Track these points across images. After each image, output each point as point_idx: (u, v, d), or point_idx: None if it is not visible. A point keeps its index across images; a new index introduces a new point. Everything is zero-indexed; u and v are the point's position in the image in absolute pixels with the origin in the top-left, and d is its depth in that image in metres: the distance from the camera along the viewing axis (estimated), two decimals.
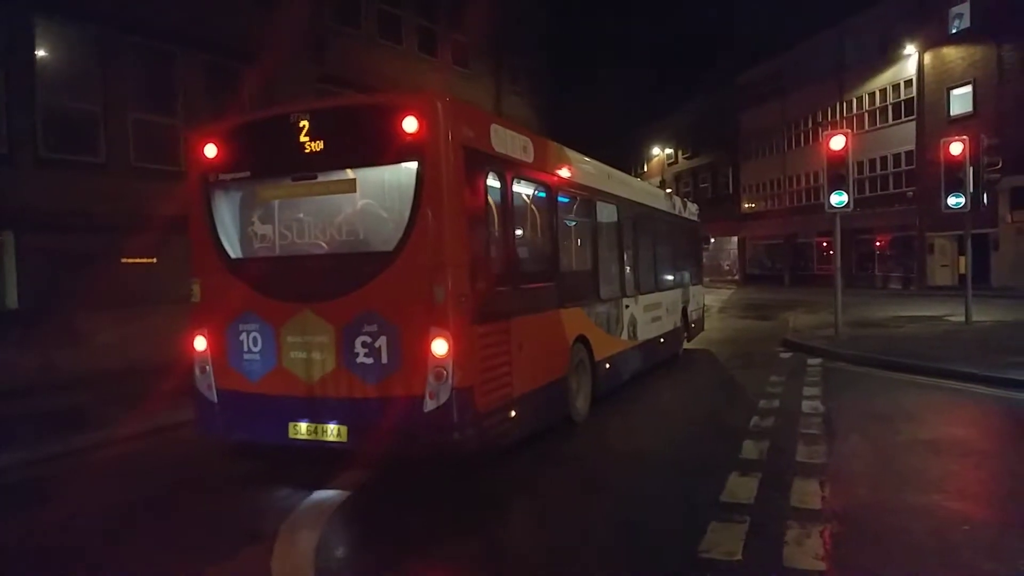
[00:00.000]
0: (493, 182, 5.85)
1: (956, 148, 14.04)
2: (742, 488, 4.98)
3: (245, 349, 5.64)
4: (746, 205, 43.41)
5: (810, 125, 36.87)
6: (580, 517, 4.77)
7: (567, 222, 7.73)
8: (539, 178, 6.91)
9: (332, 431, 5.32)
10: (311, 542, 4.33)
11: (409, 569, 4.00)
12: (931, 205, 21.62)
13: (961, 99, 28.22)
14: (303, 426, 5.42)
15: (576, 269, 7.89)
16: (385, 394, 5.16)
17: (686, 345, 12.75)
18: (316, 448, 5.46)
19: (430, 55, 19.38)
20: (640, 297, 9.79)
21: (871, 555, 3.87)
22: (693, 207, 14.64)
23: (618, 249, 9.17)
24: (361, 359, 5.22)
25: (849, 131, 13.55)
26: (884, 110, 32.26)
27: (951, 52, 28.69)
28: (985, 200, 14.84)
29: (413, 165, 5.16)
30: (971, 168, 13.99)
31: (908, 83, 30.84)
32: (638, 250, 9.93)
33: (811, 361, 11.07)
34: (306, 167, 5.58)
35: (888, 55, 31.38)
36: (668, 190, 14.69)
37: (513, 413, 5.75)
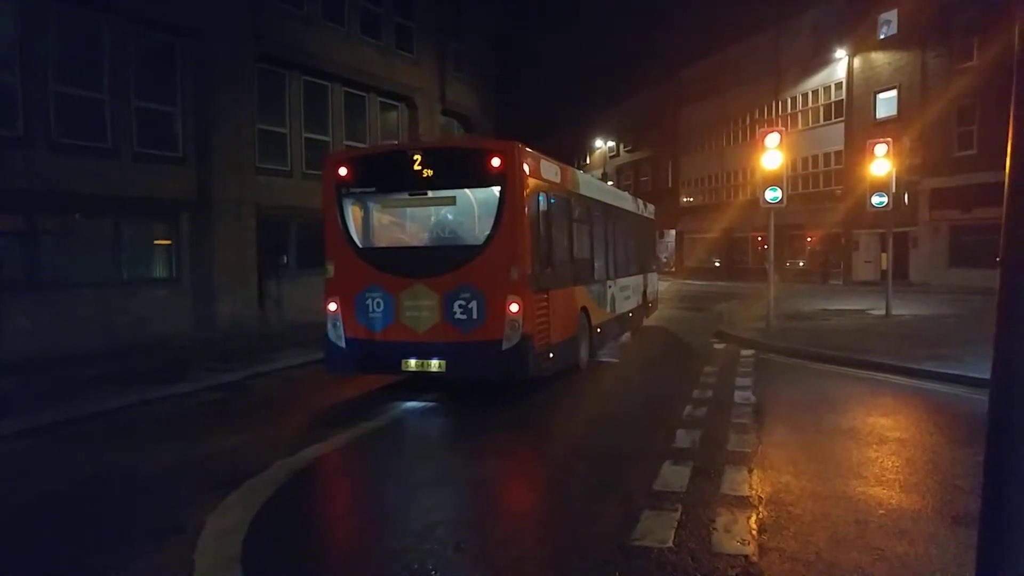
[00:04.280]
0: (541, 198, 8.39)
1: (881, 150, 14.66)
2: (675, 476, 5.10)
3: (370, 310, 8.06)
4: (685, 199, 44.33)
5: (747, 122, 37.84)
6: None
7: (576, 222, 9.99)
8: (562, 192, 9.38)
9: (435, 364, 7.84)
10: (239, 535, 4.21)
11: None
12: (857, 203, 22.55)
13: (886, 103, 29.47)
14: (412, 362, 7.92)
15: (581, 257, 10.14)
16: (474, 339, 7.69)
17: (645, 322, 15.06)
18: (422, 376, 8.03)
19: (373, 37, 19.00)
20: (617, 280, 12.21)
21: (794, 539, 4.02)
22: (651, 207, 17.05)
23: (604, 242, 11.50)
24: (458, 316, 7.75)
25: (784, 129, 13.94)
26: (816, 111, 33.41)
27: (879, 57, 29.90)
28: (906, 200, 15.57)
29: (497, 188, 7.81)
30: (894, 169, 14.65)
31: (839, 86, 31.99)
32: (616, 243, 12.34)
33: (744, 352, 11.40)
34: (420, 186, 8.12)
35: (821, 58, 32.48)
36: (636, 198, 16.01)
37: (551, 355, 8.36)
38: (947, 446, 6.03)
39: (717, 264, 40.16)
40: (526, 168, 7.92)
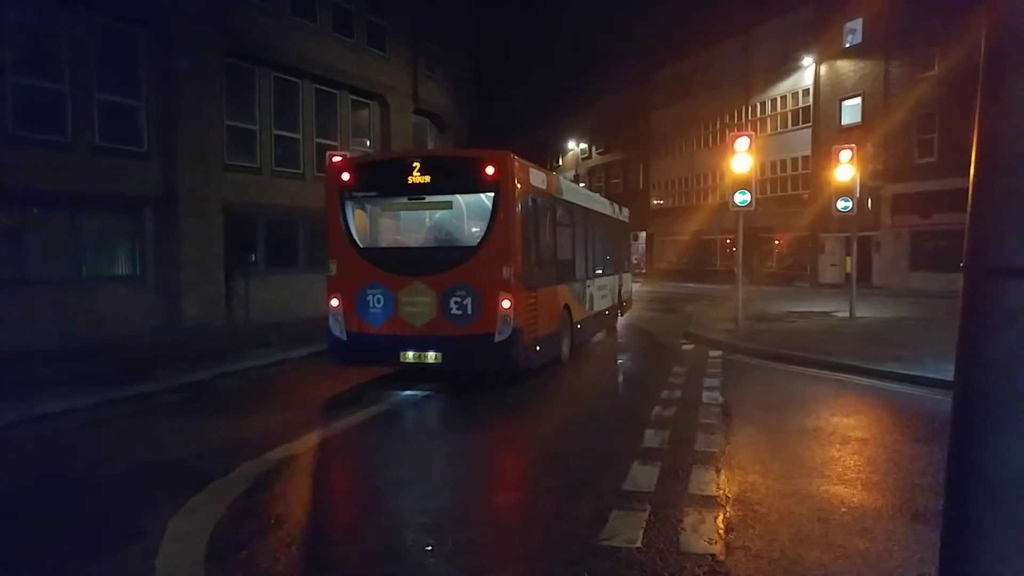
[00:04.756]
0: (530, 203, 8.98)
1: (845, 156, 14.96)
2: (644, 476, 5.13)
3: (370, 306, 8.58)
4: (655, 202, 44.72)
5: (718, 126, 38.32)
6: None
7: (559, 225, 10.63)
8: (548, 197, 10.01)
9: (431, 356, 8.41)
10: (202, 538, 4.13)
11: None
12: (823, 208, 22.97)
13: (851, 110, 30.09)
14: (410, 354, 8.47)
15: (563, 258, 10.74)
16: (469, 332, 8.26)
17: (619, 320, 15.77)
18: (418, 366, 8.59)
19: (345, 35, 18.82)
20: (595, 280, 12.82)
21: (760, 538, 4.07)
22: (625, 211, 17.57)
23: (583, 244, 12.09)
24: (454, 311, 8.30)
25: (753, 134, 14.16)
26: (784, 116, 33.97)
27: (844, 65, 30.52)
28: (869, 205, 15.90)
29: (491, 194, 8.40)
30: (858, 175, 14.95)
31: (806, 92, 32.58)
32: (594, 245, 12.95)
33: (712, 353, 11.54)
34: (419, 191, 8.66)
35: (789, 64, 33.03)
36: (612, 203, 16.53)
37: (538, 348, 9.01)
38: (906, 445, 6.17)
39: (686, 265, 40.54)
40: (517, 176, 8.55)
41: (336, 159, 9.39)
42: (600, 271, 13.31)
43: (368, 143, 20.39)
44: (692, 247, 40.24)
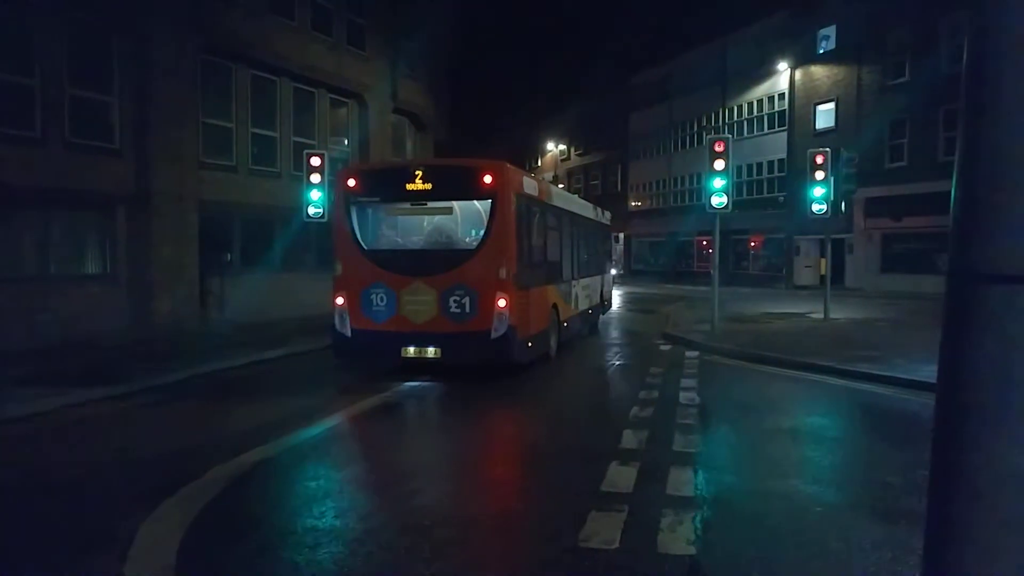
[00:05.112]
0: (523, 209, 9.50)
1: (820, 159, 15.16)
2: (622, 477, 5.14)
3: (374, 304, 9.08)
4: (633, 203, 44.98)
5: (695, 129, 38.67)
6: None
7: (549, 229, 11.22)
8: (539, 204, 10.61)
9: (431, 351, 8.98)
10: (173, 543, 4.06)
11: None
12: (798, 210, 23.28)
13: (825, 115, 30.56)
14: (411, 349, 9.04)
15: (552, 260, 11.35)
16: (466, 329, 8.81)
17: (602, 317, 16.49)
18: (418, 361, 9.11)
19: (324, 33, 18.66)
20: (580, 280, 13.38)
21: (736, 538, 4.10)
22: (607, 214, 18.19)
23: (570, 246, 12.71)
24: (452, 309, 8.84)
25: (730, 137, 14.30)
26: (761, 119, 34.38)
27: (818, 71, 30.97)
28: (843, 208, 16.13)
29: (488, 201, 9.03)
30: (832, 178, 15.16)
31: (781, 96, 33.01)
32: (580, 247, 13.63)
33: (689, 354, 11.62)
34: (420, 198, 9.31)
35: (765, 69, 33.44)
36: (596, 207, 17.19)
37: (530, 344, 9.62)
38: (879, 445, 6.26)
39: (662, 266, 40.79)
40: (512, 184, 9.18)
41: (344, 167, 10.50)
42: (584, 272, 13.91)
43: (346, 142, 20.25)
44: (669, 248, 40.53)
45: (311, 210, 14.42)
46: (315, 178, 14.28)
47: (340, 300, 9.25)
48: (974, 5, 1.41)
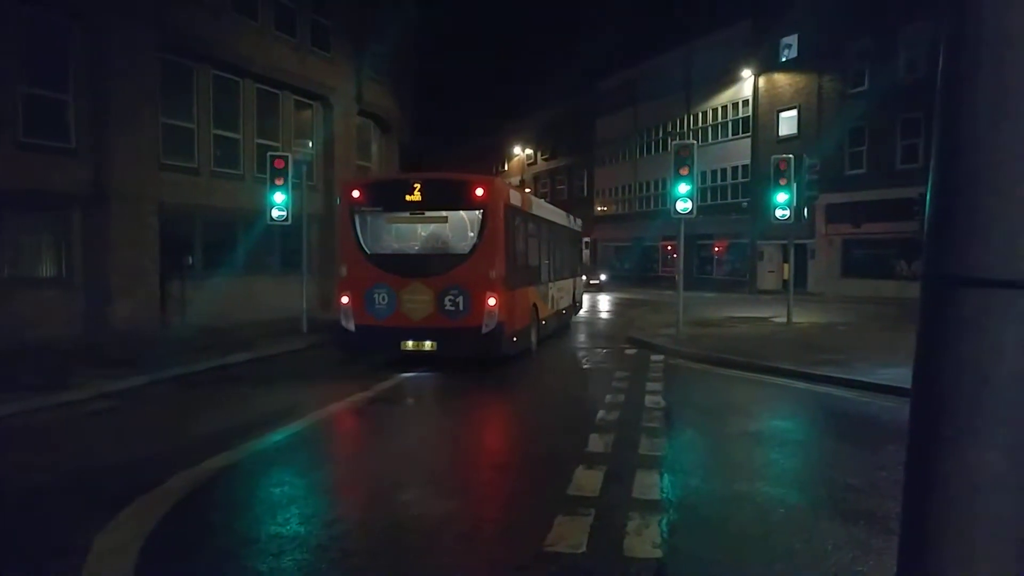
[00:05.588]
0: (510, 218, 10.56)
1: (783, 166, 15.45)
2: (588, 481, 5.15)
3: (376, 302, 10.12)
4: (599, 208, 45.31)
5: (660, 135, 39.11)
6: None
7: (530, 236, 12.22)
8: (522, 213, 11.67)
9: (428, 345, 10.01)
10: (131, 555, 3.94)
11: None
12: (762, 215, 23.69)
13: (788, 122, 31.19)
14: (410, 343, 10.04)
15: (533, 264, 12.37)
16: (460, 325, 9.82)
17: (573, 318, 17.51)
18: (416, 353, 10.16)
19: (288, 34, 18.43)
20: (556, 283, 14.41)
21: (702, 541, 4.13)
22: (578, 221, 19.20)
23: (547, 251, 13.72)
24: (448, 307, 9.86)
25: (695, 142, 14.51)
26: (725, 126, 34.92)
27: (781, 78, 31.59)
28: (806, 214, 16.46)
29: (480, 211, 10.03)
30: (794, 185, 15.47)
31: (745, 103, 33.59)
32: (555, 252, 14.63)
33: (654, 358, 11.72)
34: (418, 207, 10.30)
35: (729, 76, 33.99)
36: (568, 214, 17.98)
37: (515, 339, 10.69)
38: (840, 447, 6.38)
39: (628, 271, 41.13)
40: (501, 196, 10.22)
41: (348, 180, 11.51)
42: (559, 275, 14.95)
43: (311, 144, 20.02)
44: (634, 253, 40.89)
45: (275, 213, 14.22)
46: (279, 181, 14.09)
47: (345, 299, 10.27)
48: (951, 9, 1.44)
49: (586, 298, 21.69)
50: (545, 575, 3.69)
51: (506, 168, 57.34)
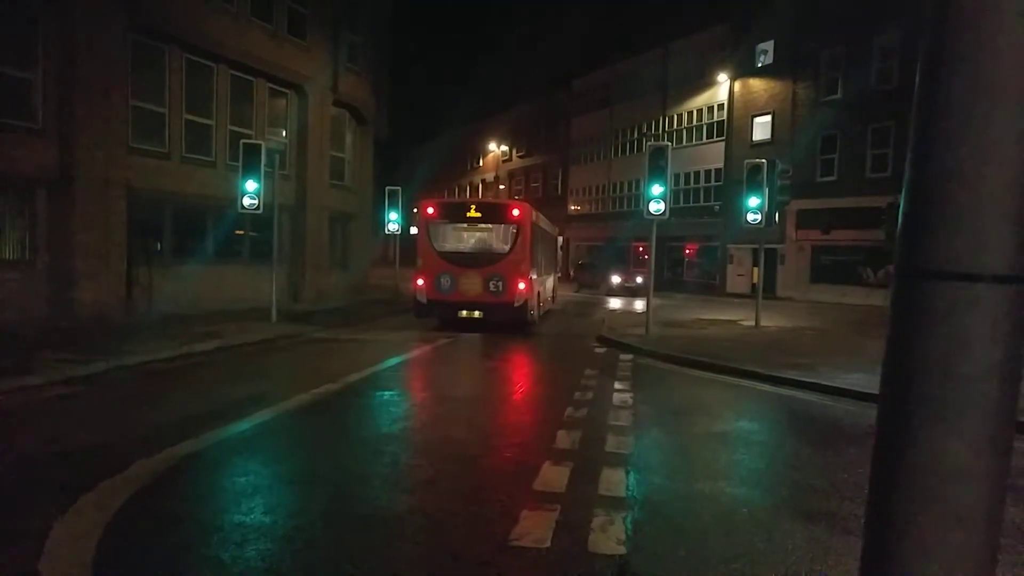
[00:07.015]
0: (534, 230, 15.57)
1: (756, 171, 15.67)
2: (555, 477, 5.19)
3: (442, 284, 14.76)
4: (572, 207, 45.47)
5: (635, 136, 39.36)
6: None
7: (538, 242, 16.46)
8: (539, 227, 16.61)
9: (477, 313, 14.79)
10: (91, 540, 3.87)
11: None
12: (733, 219, 24.00)
13: (762, 127, 31.61)
14: (463, 312, 14.80)
15: (539, 263, 16.75)
16: (500, 301, 14.59)
17: (549, 307, 20.66)
18: (469, 320, 14.85)
19: (264, 20, 18.17)
20: (542, 277, 17.74)
21: (666, 539, 4.19)
22: (556, 228, 24.01)
23: (540, 252, 17.29)
24: (491, 288, 14.61)
25: (669, 144, 14.69)
26: (700, 129, 35.27)
27: (756, 84, 32.00)
28: (776, 219, 16.71)
29: (515, 225, 15.02)
30: (766, 189, 15.70)
31: (720, 107, 33.96)
32: (547, 255, 19.06)
33: (623, 357, 11.82)
34: (473, 221, 15.38)
35: (705, 79, 34.34)
36: (550, 223, 21.74)
37: (532, 312, 15.38)
38: (804, 449, 6.51)
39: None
40: (530, 216, 15.31)
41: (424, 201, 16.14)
42: (545, 271, 18.68)
43: (284, 133, 19.78)
44: (606, 253, 41.05)
45: (246, 201, 14.04)
46: (251, 168, 13.90)
47: (420, 282, 14.86)
48: (930, 11, 1.48)
49: (614, 302, 24.94)
50: (509, 568, 3.71)
51: (480, 164, 57.18)
